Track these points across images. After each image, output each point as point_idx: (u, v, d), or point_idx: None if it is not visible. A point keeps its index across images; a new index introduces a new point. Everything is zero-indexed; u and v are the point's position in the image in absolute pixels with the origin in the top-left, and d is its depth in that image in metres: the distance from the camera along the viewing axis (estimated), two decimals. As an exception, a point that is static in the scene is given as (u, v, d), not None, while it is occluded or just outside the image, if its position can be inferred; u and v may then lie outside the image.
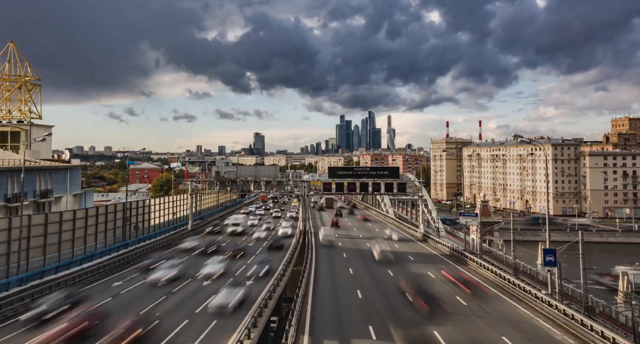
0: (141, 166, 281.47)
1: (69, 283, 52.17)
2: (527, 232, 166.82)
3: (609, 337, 34.86)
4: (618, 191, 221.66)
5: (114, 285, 53.29)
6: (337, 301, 48.62)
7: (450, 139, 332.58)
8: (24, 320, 37.32)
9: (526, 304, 46.87)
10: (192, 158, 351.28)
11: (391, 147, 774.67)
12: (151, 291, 50.18)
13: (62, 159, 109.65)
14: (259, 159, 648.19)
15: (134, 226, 79.99)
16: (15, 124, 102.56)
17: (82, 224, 63.39)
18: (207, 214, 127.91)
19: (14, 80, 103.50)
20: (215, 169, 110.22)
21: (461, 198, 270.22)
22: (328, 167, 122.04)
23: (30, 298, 45.17)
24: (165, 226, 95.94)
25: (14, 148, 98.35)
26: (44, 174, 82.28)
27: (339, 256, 76.07)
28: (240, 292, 44.33)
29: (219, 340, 34.69)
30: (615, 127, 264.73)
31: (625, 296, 60.06)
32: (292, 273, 62.70)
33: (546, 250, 51.56)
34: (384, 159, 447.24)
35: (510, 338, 36.59)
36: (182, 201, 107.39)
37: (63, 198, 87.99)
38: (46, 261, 54.81)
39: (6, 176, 71.76)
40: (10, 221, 49.88)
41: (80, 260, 61.09)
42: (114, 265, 63.78)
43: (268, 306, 43.23)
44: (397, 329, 38.79)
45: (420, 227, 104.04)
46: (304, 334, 37.66)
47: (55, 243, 56.88)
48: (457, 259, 72.37)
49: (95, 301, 44.63)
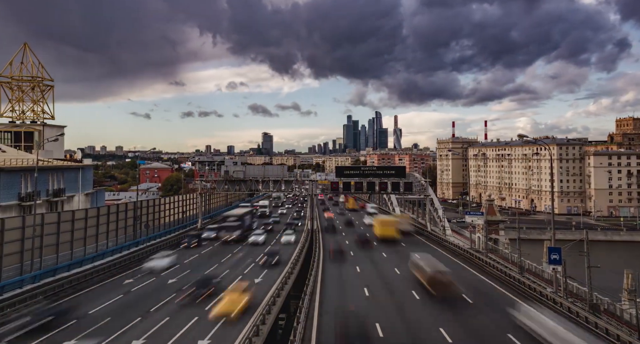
0: (151, 165, 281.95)
1: (81, 281, 52.42)
2: (533, 231, 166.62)
3: (614, 334, 34.73)
4: (622, 190, 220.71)
5: (125, 283, 53.49)
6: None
7: (456, 139, 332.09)
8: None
9: (532, 301, 46.65)
10: (202, 158, 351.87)
11: (398, 147, 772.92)
12: (161, 289, 50.38)
13: (74, 158, 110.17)
14: (267, 159, 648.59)
15: (145, 225, 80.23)
16: (28, 125, 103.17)
17: (94, 222, 63.64)
18: (215, 213, 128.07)
19: (28, 81, 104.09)
20: (224, 169, 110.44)
21: (467, 197, 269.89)
22: (335, 167, 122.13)
23: (42, 296, 45.43)
24: (175, 224, 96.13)
25: (28, 148, 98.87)
26: (57, 174, 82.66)
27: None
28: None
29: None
30: (619, 127, 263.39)
31: (630, 294, 59.75)
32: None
33: (551, 248, 51.35)
34: (391, 158, 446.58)
35: (515, 335, 36.44)
36: (192, 200, 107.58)
37: (75, 197, 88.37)
38: (59, 259, 55.05)
39: (20, 175, 72.13)
40: (24, 220, 50.12)
41: (92, 258, 61.38)
42: (125, 263, 64.07)
43: (276, 303, 43.29)
44: (404, 327, 38.75)
45: (427, 226, 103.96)
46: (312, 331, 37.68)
47: (67, 241, 57.14)
48: (464, 258, 72.14)
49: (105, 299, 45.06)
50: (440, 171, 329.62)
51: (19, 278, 47.47)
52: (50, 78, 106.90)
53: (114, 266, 61.05)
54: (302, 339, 34.88)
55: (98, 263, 60.58)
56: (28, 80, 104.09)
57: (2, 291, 44.62)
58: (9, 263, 47.08)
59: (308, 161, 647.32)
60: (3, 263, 46.03)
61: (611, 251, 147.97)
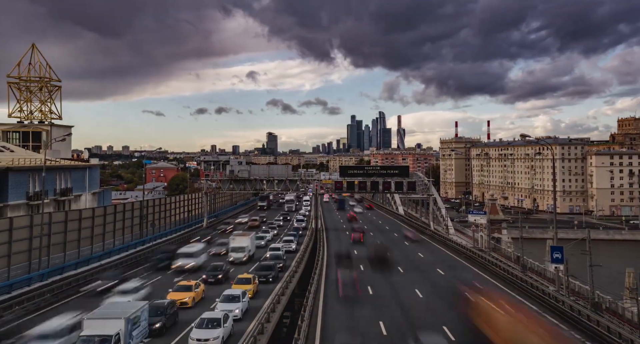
0: (157, 165, 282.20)
1: (87, 279, 52.50)
2: (535, 230, 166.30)
3: (615, 332, 34.67)
4: (624, 190, 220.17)
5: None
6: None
7: (459, 139, 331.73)
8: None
9: (533, 300, 46.61)
10: (207, 158, 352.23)
11: (401, 146, 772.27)
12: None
13: (81, 158, 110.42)
14: (271, 159, 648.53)
15: (151, 224, 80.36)
16: (36, 125, 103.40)
17: (101, 221, 63.81)
18: (221, 212, 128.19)
19: (36, 81, 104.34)
20: (230, 168, 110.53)
21: (470, 196, 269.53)
22: (339, 166, 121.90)
23: (50, 294, 45.59)
24: (181, 223, 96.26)
25: (35, 148, 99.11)
26: (64, 173, 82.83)
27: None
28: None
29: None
30: (621, 127, 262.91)
31: (631, 293, 59.58)
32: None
33: (554, 247, 51.33)
34: (395, 158, 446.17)
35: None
36: (197, 199, 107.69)
37: (82, 196, 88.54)
38: (66, 258, 55.23)
39: (28, 174, 72.32)
40: (32, 219, 50.32)
41: (99, 257, 61.54)
42: (131, 262, 64.20)
43: (281, 302, 43.34)
44: (408, 326, 38.78)
45: (430, 225, 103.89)
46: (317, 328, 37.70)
47: (74, 240, 57.29)
48: (466, 256, 72.08)
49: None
50: (443, 171, 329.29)
51: (27, 276, 47.64)
52: (58, 78, 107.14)
53: (120, 265, 61.18)
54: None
55: (105, 262, 60.71)
56: (36, 81, 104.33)
57: (11, 289, 44.78)
58: (18, 261, 47.27)
59: (312, 161, 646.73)
60: (12, 261, 46.24)
61: (613, 249, 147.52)
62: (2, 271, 45.29)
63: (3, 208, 67.90)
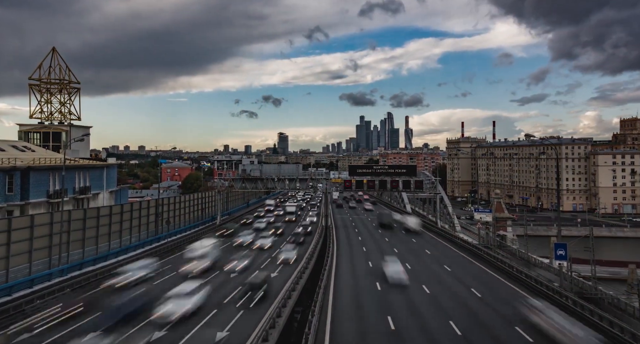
0: (172, 164, 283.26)
1: (105, 275, 52.77)
2: (539, 227, 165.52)
3: (618, 327, 34.55)
4: (626, 188, 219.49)
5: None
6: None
7: (465, 139, 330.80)
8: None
9: (538, 295, 46.42)
10: (220, 157, 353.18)
11: (409, 146, 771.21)
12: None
13: (99, 157, 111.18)
14: (282, 158, 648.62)
15: (166, 221, 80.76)
16: (56, 126, 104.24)
17: (118, 219, 64.23)
18: (234, 210, 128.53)
19: (56, 83, 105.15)
20: (242, 167, 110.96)
21: (476, 195, 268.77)
22: (349, 166, 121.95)
23: (70, 289, 45.92)
24: (195, 221, 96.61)
25: (55, 148, 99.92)
26: (83, 172, 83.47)
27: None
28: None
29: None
30: (624, 127, 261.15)
31: (633, 288, 59.24)
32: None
33: (557, 244, 51.12)
34: (403, 158, 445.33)
35: (523, 328, 36.33)
36: (211, 197, 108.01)
37: (100, 195, 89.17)
38: (85, 254, 55.69)
39: (48, 173, 72.96)
40: (52, 216, 50.79)
41: (116, 253, 61.99)
42: (147, 258, 64.40)
43: (293, 295, 43.41)
44: (414, 322, 38.78)
45: (437, 223, 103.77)
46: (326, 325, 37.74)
47: (93, 237, 57.75)
48: (473, 253, 71.93)
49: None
50: (450, 170, 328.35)
51: (47, 271, 48.10)
52: (77, 80, 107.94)
53: (137, 261, 61.41)
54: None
55: (122, 258, 61.08)
56: (56, 83, 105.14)
57: (32, 284, 45.24)
58: (38, 257, 47.78)
59: (322, 160, 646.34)
60: (33, 257, 46.71)
61: (615, 246, 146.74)
62: (24, 266, 45.80)
63: (25, 206, 68.64)
